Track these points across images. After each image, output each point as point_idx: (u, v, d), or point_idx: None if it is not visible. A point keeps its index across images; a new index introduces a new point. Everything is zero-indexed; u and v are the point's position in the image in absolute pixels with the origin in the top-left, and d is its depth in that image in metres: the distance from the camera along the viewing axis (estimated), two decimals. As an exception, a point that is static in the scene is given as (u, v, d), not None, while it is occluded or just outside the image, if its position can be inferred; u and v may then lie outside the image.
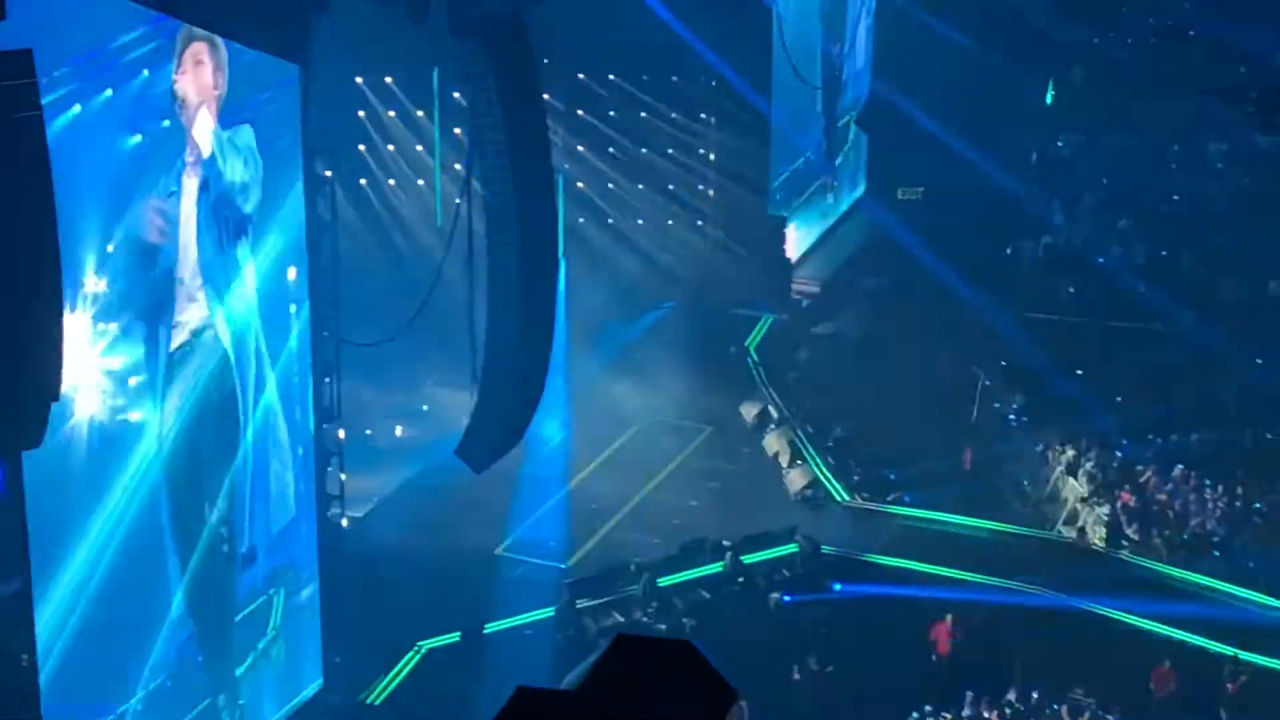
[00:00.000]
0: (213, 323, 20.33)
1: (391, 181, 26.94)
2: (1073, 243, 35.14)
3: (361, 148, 25.65)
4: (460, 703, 22.42)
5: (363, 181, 26.44)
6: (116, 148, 18.54)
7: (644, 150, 32.02)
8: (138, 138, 18.83)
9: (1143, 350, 30.93)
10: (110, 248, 18.54)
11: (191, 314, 20.00)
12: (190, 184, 19.54)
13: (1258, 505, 27.42)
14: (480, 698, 22.27)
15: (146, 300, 19.20)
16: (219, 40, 19.55)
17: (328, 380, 22.67)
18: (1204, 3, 34.58)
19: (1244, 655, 24.67)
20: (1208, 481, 27.91)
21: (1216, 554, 26.60)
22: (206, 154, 20.00)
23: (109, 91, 18.33)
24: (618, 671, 4.49)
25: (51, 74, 16.33)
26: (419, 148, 27.65)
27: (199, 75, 19.49)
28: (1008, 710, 23.62)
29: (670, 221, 32.79)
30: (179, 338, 19.78)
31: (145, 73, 18.91)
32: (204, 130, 19.87)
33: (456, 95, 23.39)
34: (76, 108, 17.51)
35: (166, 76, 19.08)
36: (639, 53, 30.32)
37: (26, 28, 14.76)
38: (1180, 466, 28.14)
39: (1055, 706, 23.52)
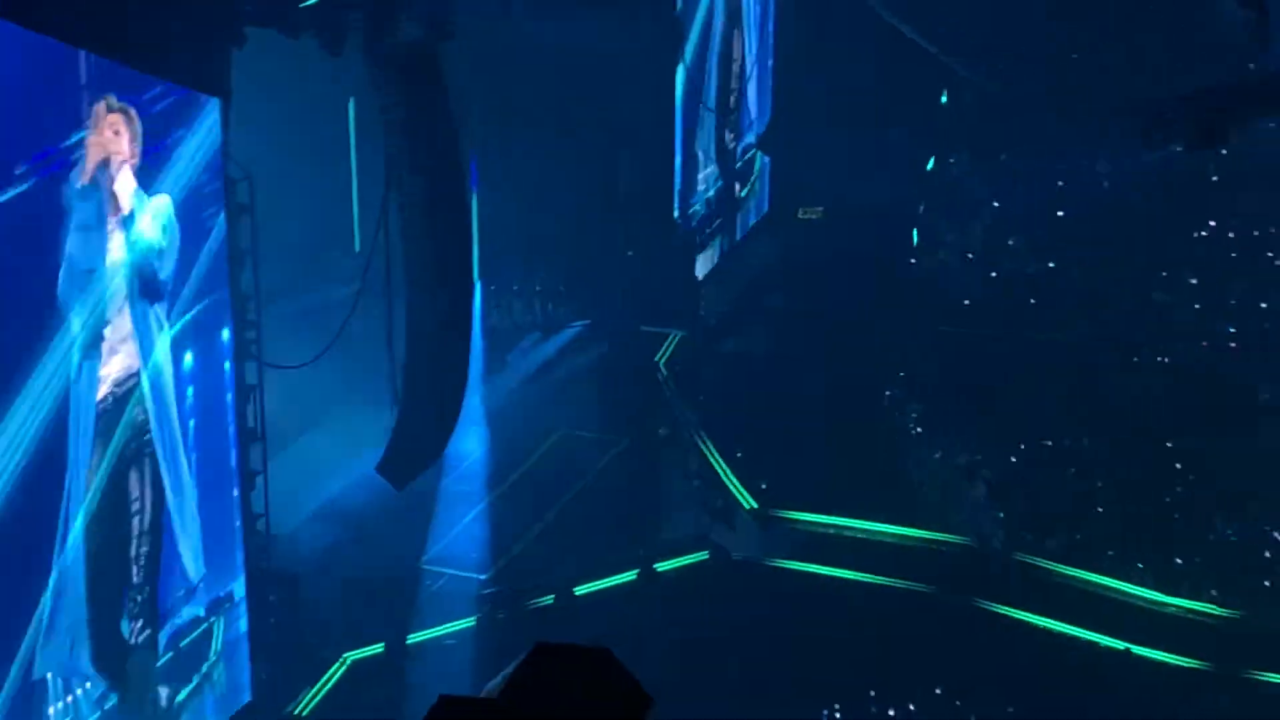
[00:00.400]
0: (137, 375, 20.11)
1: (310, 209, 26.82)
2: (964, 258, 35.40)
3: (280, 176, 25.62)
4: (385, 712, 22.54)
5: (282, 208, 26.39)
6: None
7: (557, 175, 31.90)
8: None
9: (1035, 359, 31.26)
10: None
11: (114, 366, 19.70)
12: (114, 243, 19.39)
13: (1146, 508, 27.91)
14: (405, 706, 22.59)
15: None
16: (133, 111, 19.33)
17: (250, 403, 22.55)
18: (1087, 28, 34.81)
19: (1136, 649, 25.21)
20: (1099, 484, 28.39)
21: (1110, 553, 26.95)
22: (127, 211, 19.83)
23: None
24: (536, 678, 4.34)
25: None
26: (337, 176, 27.67)
27: (117, 142, 19.28)
28: (910, 706, 24.04)
29: (582, 245, 32.89)
30: (103, 390, 19.54)
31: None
32: (125, 190, 19.70)
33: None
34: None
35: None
36: (547, 75, 30.23)
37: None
38: (1072, 470, 28.65)
39: (958, 702, 23.99)
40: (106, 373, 19.50)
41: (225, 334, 21.85)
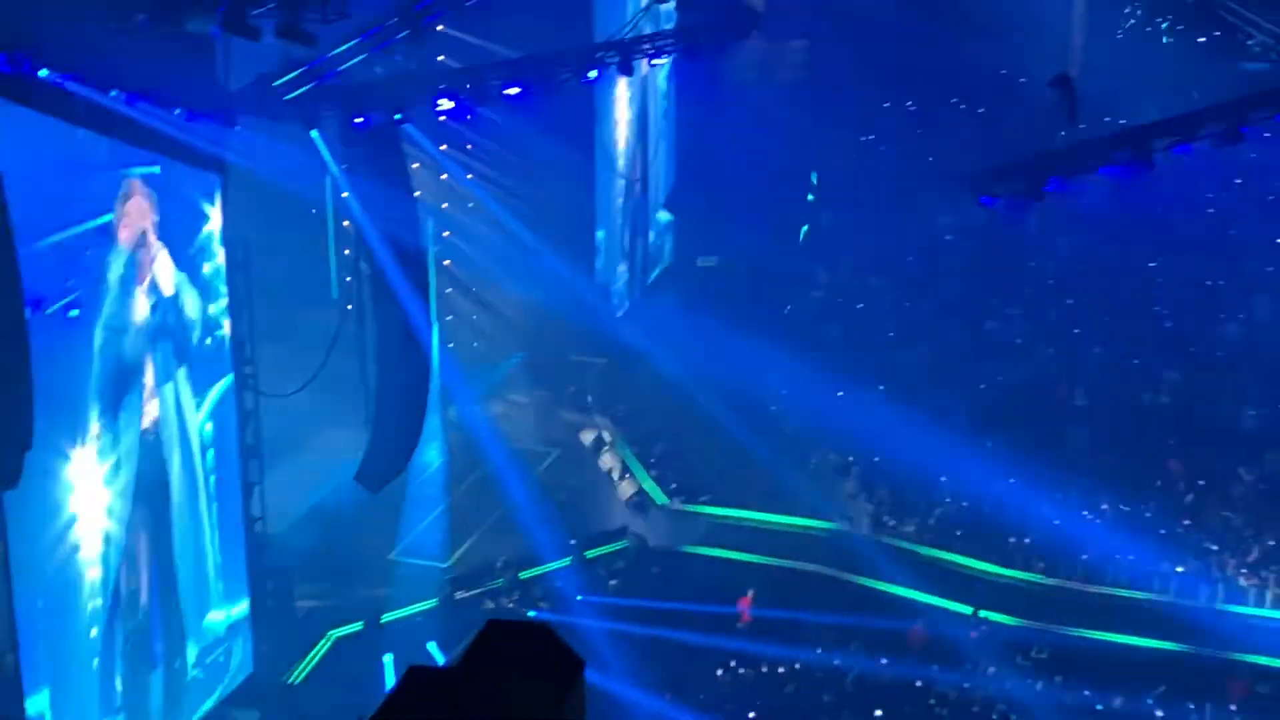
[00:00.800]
0: (165, 419, 20.28)
1: (296, 262, 26.64)
2: (835, 296, 35.45)
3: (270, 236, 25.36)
4: (364, 679, 22.30)
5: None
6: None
7: (498, 234, 31.72)
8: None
9: (892, 377, 31.21)
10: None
11: (151, 410, 19.95)
12: (140, 305, 19.58)
13: (985, 496, 27.82)
14: (379, 675, 22.37)
15: (117, 395, 19.23)
16: (154, 195, 19.57)
17: (249, 425, 22.76)
18: (930, 105, 35.00)
19: (983, 613, 25.49)
20: (943, 478, 28.42)
21: (957, 534, 27.15)
22: (168, 290, 20.17)
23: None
24: (489, 650, 4.42)
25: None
26: (316, 237, 27.52)
27: (149, 215, 19.53)
28: (796, 665, 24.17)
29: (522, 291, 32.66)
30: (144, 424, 19.77)
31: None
32: (165, 267, 20.01)
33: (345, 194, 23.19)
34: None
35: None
36: (491, 153, 30.20)
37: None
38: (925, 467, 28.38)
39: (837, 662, 24.12)
40: (143, 420, 19.78)
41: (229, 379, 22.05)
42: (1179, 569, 25.97)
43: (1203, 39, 32.15)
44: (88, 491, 18.51)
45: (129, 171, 19.25)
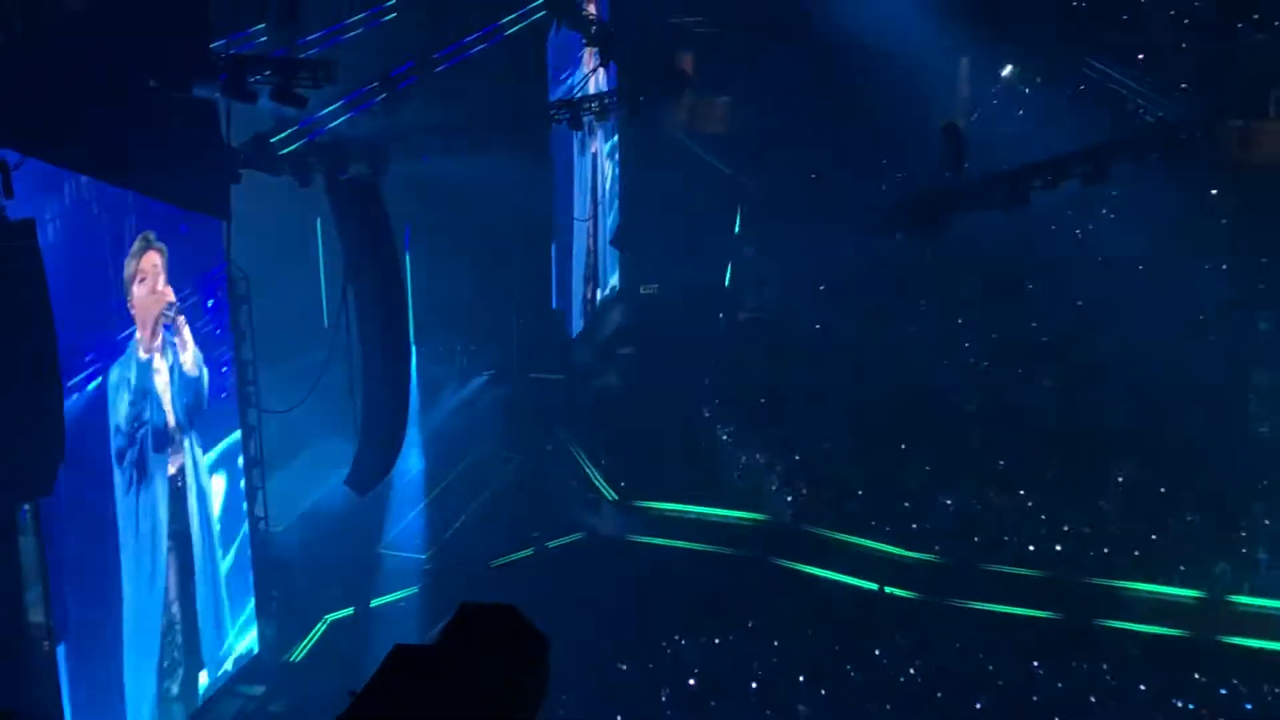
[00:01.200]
0: (187, 467, 20.24)
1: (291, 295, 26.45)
2: (761, 316, 35.59)
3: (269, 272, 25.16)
4: (355, 658, 21.98)
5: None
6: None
7: (467, 269, 31.56)
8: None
9: (811, 387, 31.35)
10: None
11: (177, 459, 19.92)
12: (162, 374, 19.50)
13: (890, 488, 28.21)
14: (369, 653, 21.85)
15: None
16: (164, 248, 19.33)
17: (253, 438, 22.64)
18: (833, 149, 34.99)
19: (889, 589, 25.71)
20: (860, 472, 28.70)
21: (873, 523, 27.13)
22: (191, 368, 20.18)
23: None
24: (464, 629, 4.44)
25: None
26: (309, 273, 27.60)
27: (166, 290, 19.29)
28: (730, 637, 24.17)
29: (489, 319, 32.46)
30: (170, 470, 19.75)
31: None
32: (187, 346, 20.01)
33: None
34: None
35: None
36: (458, 198, 29.57)
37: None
38: (838, 464, 29.00)
39: (776, 643, 24.00)
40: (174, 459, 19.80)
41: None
42: (1058, 548, 26.31)
43: (1069, 92, 32.57)
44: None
45: (142, 227, 18.90)
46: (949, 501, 27.48)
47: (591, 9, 33.07)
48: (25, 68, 15.60)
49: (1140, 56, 31.44)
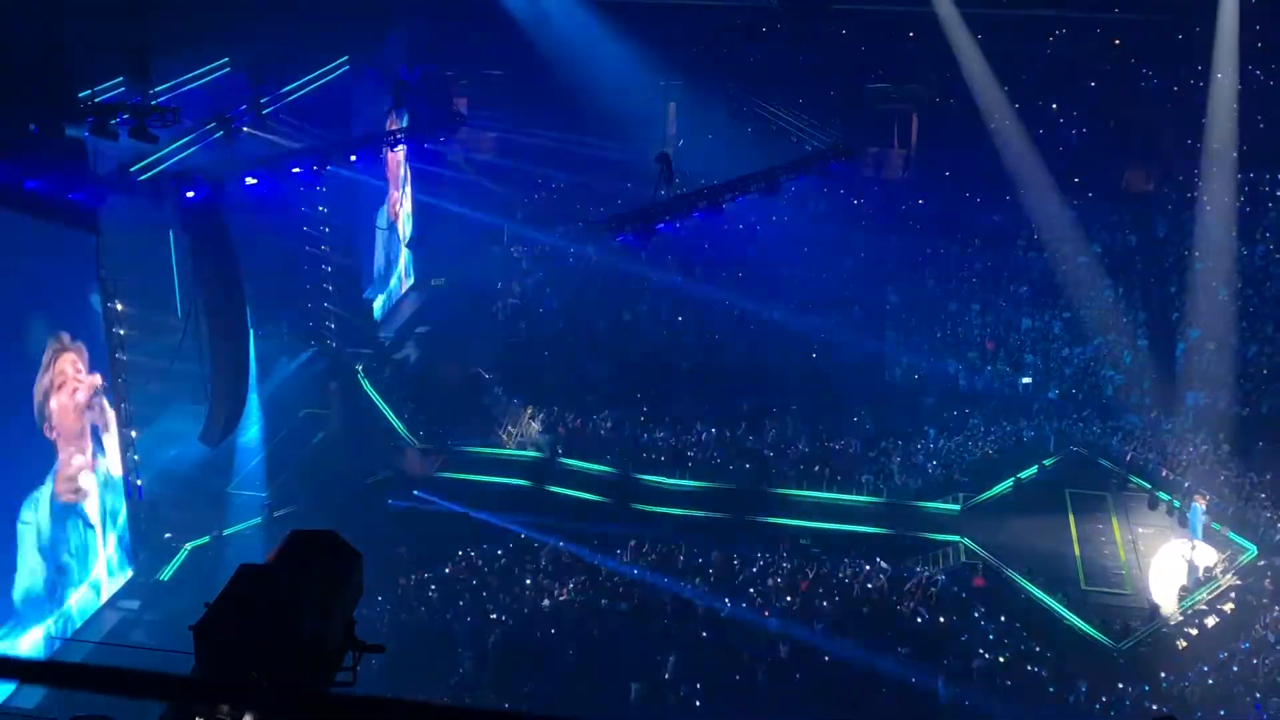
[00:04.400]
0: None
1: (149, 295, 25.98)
2: (521, 302, 35.75)
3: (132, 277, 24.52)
4: (210, 577, 20.98)
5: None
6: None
7: (292, 267, 31.33)
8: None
9: (564, 355, 31.59)
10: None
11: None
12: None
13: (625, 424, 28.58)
14: (221, 572, 21.50)
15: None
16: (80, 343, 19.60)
17: (124, 408, 22.72)
18: (563, 171, 36.23)
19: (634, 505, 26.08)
20: (597, 417, 28.97)
21: (606, 456, 27.32)
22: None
23: None
24: (295, 552, 4.33)
25: None
26: (166, 275, 27.18)
27: (87, 379, 19.80)
28: (511, 544, 24.28)
29: (311, 306, 32.34)
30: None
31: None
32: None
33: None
34: None
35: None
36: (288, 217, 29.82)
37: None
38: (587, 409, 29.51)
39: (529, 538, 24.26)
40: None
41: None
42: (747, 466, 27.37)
43: (750, 128, 34.58)
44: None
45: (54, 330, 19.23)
46: (663, 435, 28.41)
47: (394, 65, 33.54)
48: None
49: (800, 100, 33.67)
